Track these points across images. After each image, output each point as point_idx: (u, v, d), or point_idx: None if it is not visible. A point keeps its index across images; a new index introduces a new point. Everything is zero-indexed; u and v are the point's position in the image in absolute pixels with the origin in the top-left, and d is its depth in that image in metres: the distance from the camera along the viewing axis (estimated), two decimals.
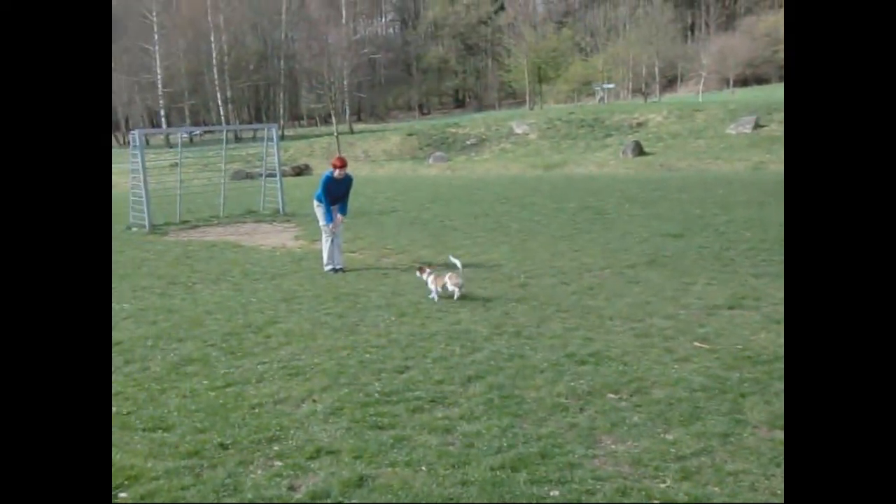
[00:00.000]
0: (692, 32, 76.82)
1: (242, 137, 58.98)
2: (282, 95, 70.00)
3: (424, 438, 4.35)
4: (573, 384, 5.22)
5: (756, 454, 4.04)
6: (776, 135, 32.68)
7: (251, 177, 28.81)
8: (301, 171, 37.80)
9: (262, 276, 10.03)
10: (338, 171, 10.00)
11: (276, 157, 18.83)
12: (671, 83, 70.29)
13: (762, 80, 61.57)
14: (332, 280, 9.66)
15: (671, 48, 65.16)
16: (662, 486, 3.73)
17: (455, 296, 8.16)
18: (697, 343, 6.22)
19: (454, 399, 5.00)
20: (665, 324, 6.88)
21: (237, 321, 7.40)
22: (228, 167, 21.74)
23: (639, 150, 34.82)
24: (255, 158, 32.01)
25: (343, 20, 71.00)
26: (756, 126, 34.86)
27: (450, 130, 45.99)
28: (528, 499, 3.63)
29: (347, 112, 65.88)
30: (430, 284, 8.37)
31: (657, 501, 3.59)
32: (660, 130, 38.68)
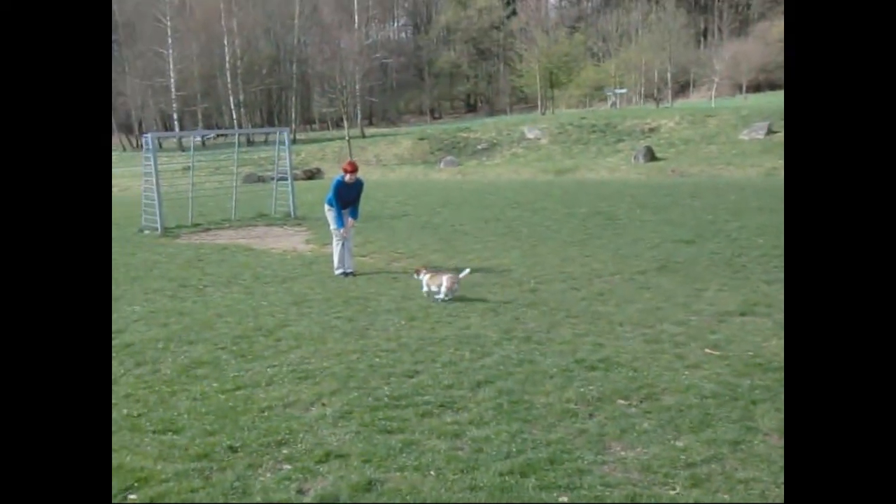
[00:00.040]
0: (705, 38, 76.59)
1: (254, 141, 59.45)
2: (294, 99, 70.32)
3: (433, 443, 4.35)
4: (583, 390, 5.20)
5: (767, 462, 4.01)
6: None
7: (263, 180, 28.93)
8: (312, 175, 37.90)
9: (273, 280, 10.06)
10: (348, 176, 10.02)
11: (288, 161, 18.90)
12: (683, 88, 70.07)
13: (775, 86, 61.17)
14: (343, 284, 9.68)
15: (684, 53, 65.00)
16: (672, 493, 3.71)
17: (442, 294, 8.23)
18: (708, 349, 6.19)
19: (463, 404, 5.00)
20: (676, 330, 6.85)
21: (247, 324, 7.43)
22: (240, 171, 21.85)
23: (651, 156, 34.68)
24: (267, 162, 32.17)
25: (355, 25, 71.21)
26: (769, 132, 34.64)
27: (461, 135, 46.00)
28: None
29: (359, 116, 66.04)
30: (426, 284, 8.46)
31: None
32: (672, 136, 38.54)
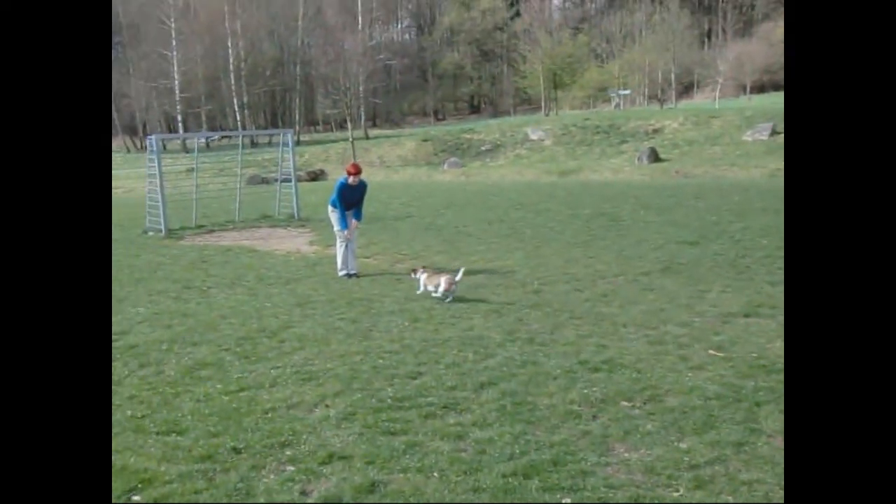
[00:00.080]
0: (709, 38, 76.52)
1: (258, 143, 59.58)
2: (298, 101, 70.40)
3: (437, 444, 4.35)
4: (586, 391, 5.20)
5: (771, 464, 4.01)
6: None
7: (266, 182, 28.97)
8: (316, 177, 37.95)
9: (277, 281, 10.07)
10: (352, 178, 10.02)
11: (292, 163, 18.94)
12: (687, 89, 70.01)
13: (779, 87, 61.03)
14: (346, 285, 9.68)
15: (687, 54, 64.96)
16: (675, 495, 3.71)
17: (440, 294, 8.25)
18: (712, 351, 6.18)
19: (467, 405, 5.00)
20: (679, 331, 6.84)
21: (251, 326, 7.44)
22: (244, 172, 21.84)
23: (654, 157, 34.64)
24: (271, 163, 32.20)
25: (359, 26, 71.31)
26: (773, 133, 34.58)
27: (465, 136, 46.02)
28: None
29: (363, 117, 66.12)
30: (423, 284, 8.49)
31: None
32: (676, 137, 38.50)
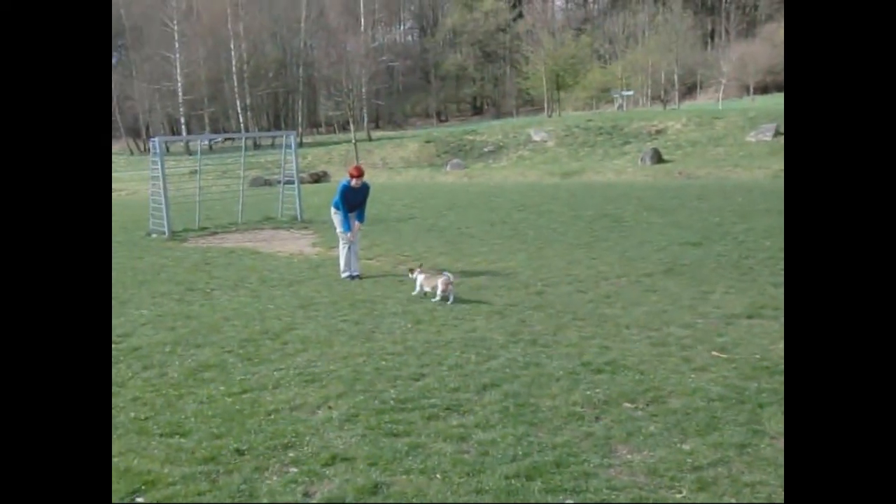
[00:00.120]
0: (712, 39, 76.46)
1: (261, 145, 59.59)
2: (300, 103, 70.53)
3: (439, 446, 4.35)
4: (589, 393, 5.20)
5: (773, 465, 4.00)
6: None
7: (269, 184, 29.00)
8: (319, 178, 37.98)
9: (280, 283, 10.08)
10: (354, 181, 10.00)
11: (294, 164, 18.95)
12: (690, 90, 69.95)
13: (783, 88, 61.05)
14: (349, 287, 9.69)
15: (691, 55, 64.90)
16: (678, 497, 3.70)
17: (438, 297, 8.29)
18: (715, 352, 6.17)
19: (469, 407, 5.00)
20: (682, 333, 6.83)
21: (254, 327, 7.45)
22: (247, 174, 21.88)
23: (657, 158, 34.61)
24: (274, 165, 32.24)
25: (361, 28, 71.43)
26: (776, 134, 34.52)
27: (467, 138, 46.04)
28: None
29: (365, 119, 66.16)
30: (420, 285, 8.52)
31: None
32: (679, 138, 38.47)
